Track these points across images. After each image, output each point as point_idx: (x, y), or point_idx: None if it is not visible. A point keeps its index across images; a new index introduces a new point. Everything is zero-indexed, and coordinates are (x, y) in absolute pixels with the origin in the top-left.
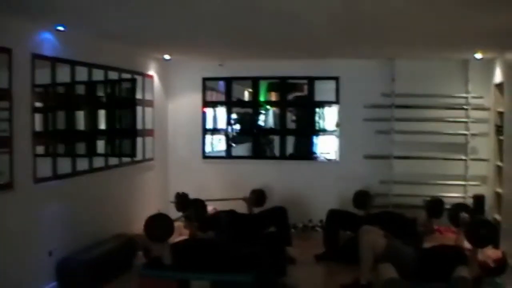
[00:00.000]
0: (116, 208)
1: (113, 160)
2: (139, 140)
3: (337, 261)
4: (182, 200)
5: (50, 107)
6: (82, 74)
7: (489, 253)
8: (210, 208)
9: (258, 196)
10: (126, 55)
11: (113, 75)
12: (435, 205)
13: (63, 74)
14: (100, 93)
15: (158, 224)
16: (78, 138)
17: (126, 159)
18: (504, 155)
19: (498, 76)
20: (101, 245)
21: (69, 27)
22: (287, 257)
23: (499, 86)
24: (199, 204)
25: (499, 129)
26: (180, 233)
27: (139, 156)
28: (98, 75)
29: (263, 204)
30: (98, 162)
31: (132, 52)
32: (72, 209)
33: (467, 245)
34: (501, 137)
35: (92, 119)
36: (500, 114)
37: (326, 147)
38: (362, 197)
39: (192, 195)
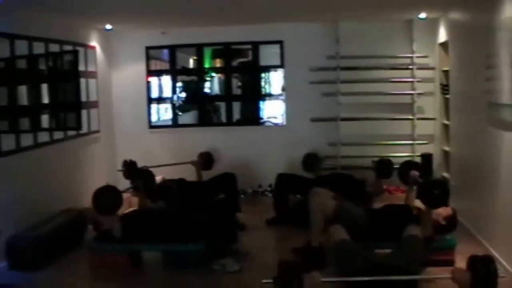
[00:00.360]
0: (64, 183)
1: (58, 134)
2: (84, 112)
3: (287, 225)
4: (130, 168)
5: None
6: (22, 48)
7: (440, 211)
8: (158, 177)
9: (205, 159)
10: (67, 27)
11: (54, 48)
12: (383, 166)
13: (2, 49)
14: (42, 66)
15: (106, 197)
16: (21, 114)
17: (71, 133)
18: (450, 113)
19: (442, 35)
20: (50, 221)
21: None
22: (237, 223)
23: (444, 45)
24: (147, 174)
25: (444, 88)
26: (130, 205)
27: (84, 129)
28: (38, 48)
29: (211, 167)
30: (43, 137)
31: (73, 23)
32: (18, 186)
33: (417, 203)
34: (447, 96)
35: (35, 94)
36: (445, 72)
37: (273, 111)
38: (311, 160)
39: (140, 164)
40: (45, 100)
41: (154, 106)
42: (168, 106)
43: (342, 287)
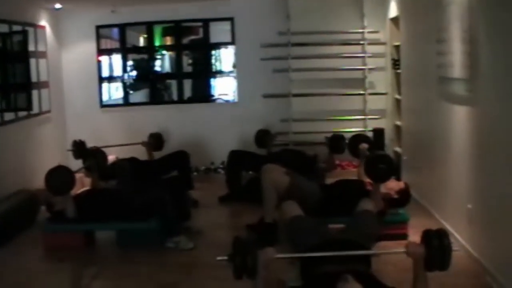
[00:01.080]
0: (15, 164)
1: (9, 115)
2: (34, 93)
3: (240, 201)
4: (79, 148)
5: None
6: None
7: (392, 185)
8: (111, 157)
9: (156, 140)
10: (16, 7)
11: (3, 28)
12: (336, 141)
13: None
14: None
15: (59, 177)
16: None
17: (22, 113)
18: (401, 88)
19: (393, 10)
20: (2, 202)
21: None
22: (190, 200)
23: (395, 20)
24: (99, 154)
25: (396, 63)
26: (83, 185)
27: (35, 109)
28: None
29: (162, 147)
30: None
31: (22, 3)
32: None
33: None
34: (398, 71)
35: None
36: (396, 48)
37: (224, 88)
38: (263, 136)
39: (91, 144)
40: None
41: (105, 85)
42: (119, 85)
43: (296, 263)
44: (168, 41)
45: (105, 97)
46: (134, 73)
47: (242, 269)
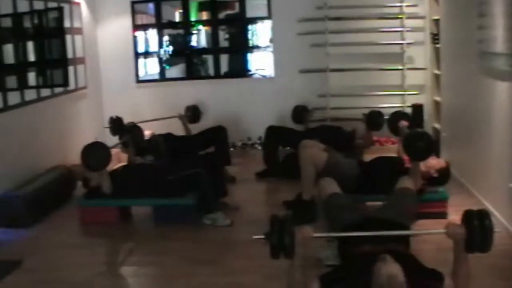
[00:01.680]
0: (52, 140)
1: (46, 92)
2: (70, 69)
3: (277, 177)
4: (116, 124)
5: None
6: (6, 7)
7: (433, 163)
8: (147, 132)
9: (192, 112)
10: None
11: (39, 5)
12: (373, 117)
13: None
14: (27, 24)
15: (95, 153)
16: (7, 72)
17: (58, 90)
18: (441, 63)
19: None
20: (39, 178)
21: None
22: (227, 176)
23: None
24: (135, 129)
25: (435, 37)
26: (119, 160)
27: (71, 86)
28: (23, 6)
29: (199, 120)
30: (30, 94)
31: None
32: (6, 144)
33: None
34: (438, 45)
35: (21, 52)
36: (436, 22)
37: (261, 63)
38: (300, 112)
39: (128, 120)
40: (32, 58)
41: (141, 61)
42: (155, 60)
43: (333, 241)
44: (204, 15)
45: (141, 73)
46: (170, 48)
47: (279, 248)
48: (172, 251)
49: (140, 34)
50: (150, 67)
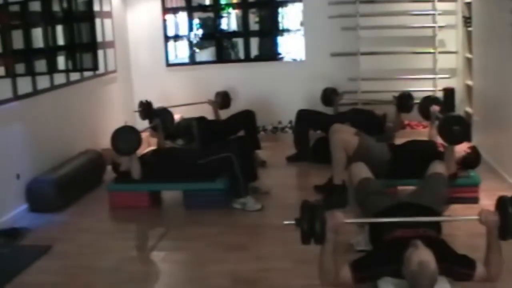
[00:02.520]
0: (81, 124)
1: (75, 76)
2: (100, 53)
3: (308, 161)
4: (146, 108)
5: (5, 27)
6: None
7: (463, 147)
8: (177, 116)
9: (223, 98)
10: None
11: None
12: (404, 100)
13: None
14: (56, 8)
15: (125, 137)
16: (37, 56)
17: (88, 73)
18: (473, 46)
19: None
20: (69, 162)
21: None
22: (257, 161)
23: None
24: (165, 114)
25: (467, 21)
26: (149, 144)
27: (101, 69)
28: None
29: (229, 106)
30: (60, 78)
31: None
32: (36, 129)
33: (440, 139)
34: (470, 29)
35: (50, 36)
36: (468, 5)
37: (292, 46)
38: (330, 95)
39: (157, 104)
40: (61, 41)
41: (171, 44)
42: (185, 43)
43: (365, 227)
44: None
45: (171, 57)
46: (200, 31)
47: (310, 234)
48: (202, 237)
49: (170, 18)
50: (180, 51)
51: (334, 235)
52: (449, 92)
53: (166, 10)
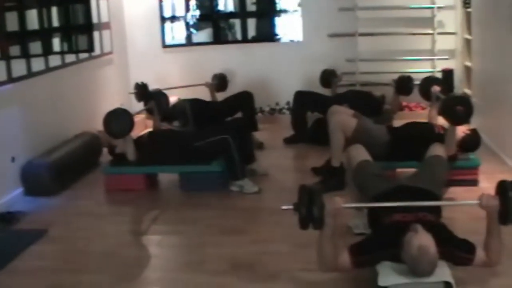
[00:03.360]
0: (77, 106)
1: (70, 57)
2: (95, 34)
3: (306, 143)
4: (141, 90)
5: None
6: None
7: (462, 129)
8: (173, 98)
9: (220, 81)
10: None
11: None
12: (403, 83)
13: None
14: None
15: (117, 120)
16: (32, 38)
17: (83, 55)
18: (472, 27)
19: None
20: (65, 145)
21: None
22: (255, 142)
23: None
24: (160, 96)
25: (466, 1)
26: (146, 126)
27: (97, 51)
28: None
29: (225, 88)
30: (55, 60)
31: None
32: (31, 111)
33: (440, 121)
34: (469, 9)
35: (45, 17)
36: None
37: (289, 27)
38: (328, 76)
39: (154, 86)
40: (56, 23)
41: (167, 25)
42: (181, 25)
43: (363, 210)
44: None
45: (167, 38)
46: (197, 12)
47: (308, 219)
48: (199, 220)
49: None
50: (176, 32)
51: (332, 220)
52: (448, 73)
53: None
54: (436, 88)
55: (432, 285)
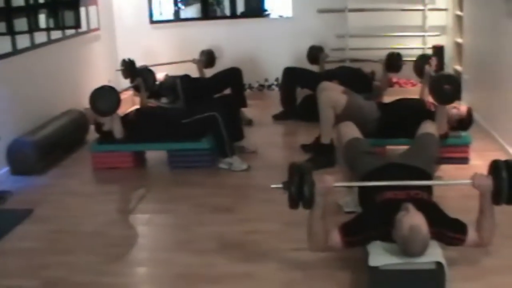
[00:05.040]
0: (64, 84)
1: (57, 34)
2: (82, 10)
3: (295, 120)
4: (128, 67)
5: None
6: None
7: (454, 112)
8: (162, 74)
9: (207, 57)
10: None
11: None
12: (393, 60)
13: None
14: None
15: (104, 97)
16: (17, 15)
17: (70, 31)
18: (464, 3)
19: None
20: (51, 123)
21: None
22: (243, 119)
23: None
24: (147, 72)
25: None
26: (134, 104)
27: (83, 27)
28: None
29: (213, 64)
30: (41, 37)
31: None
32: (17, 89)
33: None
34: None
35: None
36: None
37: (278, 3)
38: (315, 53)
39: (141, 62)
40: None
41: (155, 1)
42: (169, 0)
43: (354, 188)
44: None
45: (155, 13)
46: None
47: (298, 198)
48: (187, 198)
49: None
50: (164, 8)
51: (323, 199)
52: (438, 50)
53: None
54: (429, 67)
55: (424, 265)
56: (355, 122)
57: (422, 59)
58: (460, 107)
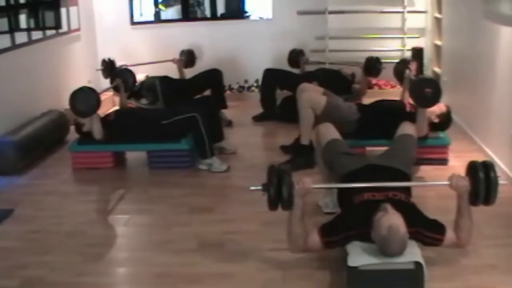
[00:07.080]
0: (44, 84)
1: (37, 34)
2: (63, 10)
3: (275, 121)
4: (108, 67)
5: None
6: None
7: (433, 108)
8: (143, 75)
9: (187, 57)
10: None
11: None
12: (371, 64)
13: None
14: None
15: (83, 98)
16: None
17: (50, 32)
18: (442, 6)
19: None
20: (31, 123)
21: None
22: (223, 120)
23: None
24: (126, 73)
25: None
26: (114, 104)
27: (64, 28)
28: None
29: (193, 64)
30: (21, 37)
31: None
32: None
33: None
34: None
35: None
36: None
37: (258, 4)
38: (296, 57)
39: (122, 63)
40: None
41: (136, 2)
42: (150, 1)
43: (333, 189)
44: None
45: (136, 15)
46: None
47: (277, 200)
48: (167, 198)
49: None
50: (145, 9)
51: (302, 200)
52: (417, 52)
53: None
54: (409, 71)
55: (402, 265)
56: (334, 123)
57: (402, 64)
58: (440, 104)
